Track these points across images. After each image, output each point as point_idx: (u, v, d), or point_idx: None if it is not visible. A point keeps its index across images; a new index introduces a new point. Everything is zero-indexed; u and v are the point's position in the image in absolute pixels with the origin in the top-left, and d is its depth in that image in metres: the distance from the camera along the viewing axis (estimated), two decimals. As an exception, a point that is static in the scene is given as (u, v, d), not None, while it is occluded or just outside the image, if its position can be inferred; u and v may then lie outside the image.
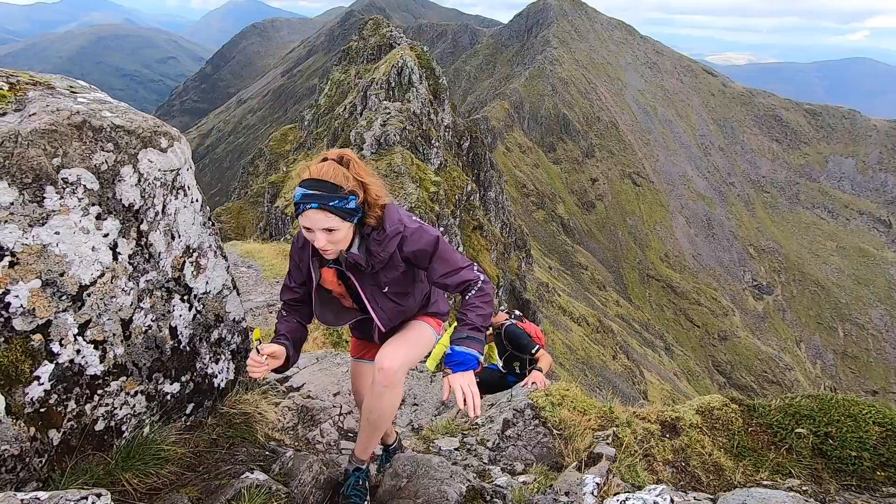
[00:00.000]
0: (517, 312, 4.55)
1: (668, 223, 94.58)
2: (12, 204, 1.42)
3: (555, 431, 3.30)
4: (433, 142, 29.45)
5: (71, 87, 1.87)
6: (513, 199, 67.41)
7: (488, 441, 3.24)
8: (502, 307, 4.80)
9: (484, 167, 40.15)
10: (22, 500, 0.98)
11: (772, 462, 3.02)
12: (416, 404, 4.12)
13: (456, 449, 3.15)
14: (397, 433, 2.91)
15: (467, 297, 2.03)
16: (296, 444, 2.97)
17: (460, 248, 25.95)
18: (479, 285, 2.05)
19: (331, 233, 1.80)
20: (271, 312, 9.32)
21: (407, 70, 31.26)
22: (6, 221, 1.41)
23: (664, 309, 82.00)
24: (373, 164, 22.89)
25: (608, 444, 3.01)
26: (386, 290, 2.04)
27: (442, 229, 23.94)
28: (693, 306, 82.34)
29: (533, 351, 4.26)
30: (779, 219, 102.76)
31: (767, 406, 3.53)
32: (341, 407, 3.65)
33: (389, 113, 27.95)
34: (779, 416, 3.37)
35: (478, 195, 34.00)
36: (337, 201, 1.78)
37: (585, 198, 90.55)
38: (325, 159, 1.87)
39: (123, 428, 1.86)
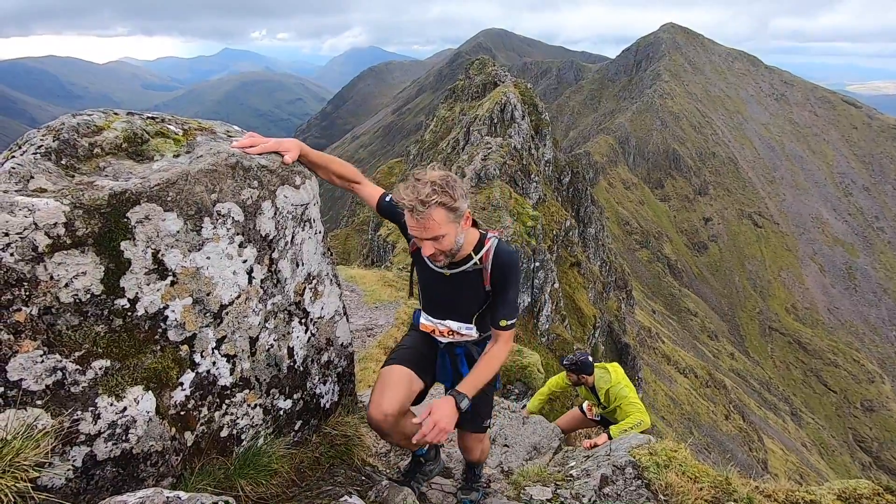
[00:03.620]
0: None
1: (796, 270, 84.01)
2: (178, 232, 1.66)
3: (660, 496, 3.00)
4: (533, 176, 29.42)
5: (228, 131, 2.17)
6: (614, 237, 64.55)
7: (584, 496, 3.03)
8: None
9: (584, 203, 39.11)
10: (167, 498, 1.11)
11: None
12: (506, 445, 4.00)
13: (548, 500, 2.98)
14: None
15: None
16: (388, 471, 3.02)
17: (556, 285, 25.23)
18: None
19: None
20: (370, 336, 9.73)
21: (510, 106, 31.87)
22: (172, 247, 1.65)
23: (791, 368, 71.99)
24: (472, 197, 23.00)
25: (724, 520, 2.66)
26: None
27: (538, 264, 23.53)
28: (828, 368, 71.27)
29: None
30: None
31: (937, 503, 2.90)
32: (432, 439, 3.65)
33: (490, 148, 28.54)
34: (954, 519, 2.74)
35: (577, 231, 33.10)
36: None
37: (696, 238, 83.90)
38: None
39: (243, 437, 2.03)
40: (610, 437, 4.12)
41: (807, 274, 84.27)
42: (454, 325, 2.32)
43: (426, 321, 2.39)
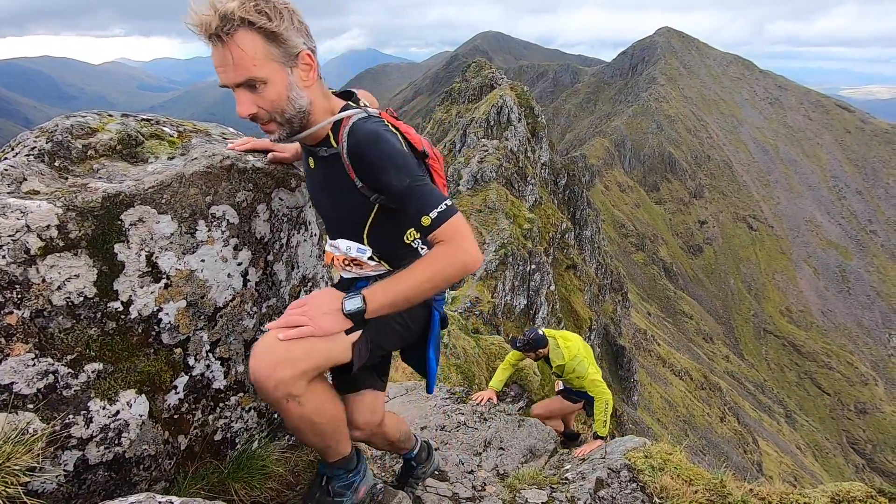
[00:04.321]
0: None
1: (790, 273, 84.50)
2: (172, 234, 1.66)
3: (655, 499, 3.01)
4: (529, 179, 29.51)
5: (223, 133, 2.16)
6: (610, 240, 64.76)
7: (579, 500, 3.03)
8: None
9: (580, 205, 39.25)
10: (160, 502, 1.11)
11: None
12: (502, 448, 4.00)
13: (544, 503, 2.98)
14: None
15: None
16: (383, 474, 3.01)
17: (552, 287, 25.30)
18: None
19: None
20: (365, 339, 9.73)
21: (506, 109, 31.96)
22: (166, 249, 1.64)
23: (785, 370, 72.35)
24: (468, 200, 22.54)
25: (719, 523, 2.67)
26: None
27: (534, 266, 23.58)
28: (822, 370, 71.68)
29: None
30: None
31: (929, 505, 2.92)
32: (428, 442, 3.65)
33: (487, 150, 28.61)
34: (946, 521, 2.76)
35: (573, 233, 33.19)
36: None
37: (692, 241, 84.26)
38: None
39: (237, 440, 2.02)
40: (597, 437, 4.12)
41: (801, 277, 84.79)
42: (343, 244, 1.68)
43: (328, 247, 1.77)
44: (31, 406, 1.40)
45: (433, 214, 1.44)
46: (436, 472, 2.94)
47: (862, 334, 79.51)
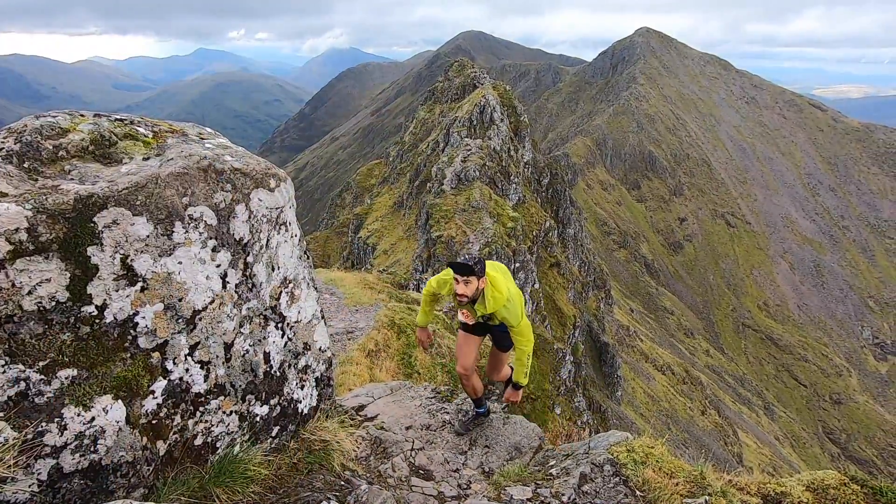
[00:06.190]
0: None
1: (768, 268, 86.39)
2: (148, 237, 1.62)
3: (637, 492, 3.05)
4: (512, 178, 29.62)
5: (200, 133, 2.13)
6: (593, 237, 65.41)
7: (563, 495, 3.06)
8: None
9: (563, 204, 39.56)
10: (136, 509, 1.09)
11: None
12: (487, 446, 4.01)
13: (529, 499, 3.00)
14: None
15: None
16: (368, 475, 2.99)
17: (536, 285, 25.43)
18: None
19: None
20: (350, 339, 9.66)
21: (489, 108, 32.03)
22: (142, 251, 1.61)
23: (763, 363, 73.99)
24: (452, 199, 22.43)
25: (699, 514, 2.72)
26: None
27: (518, 265, 23.67)
28: (799, 363, 73.51)
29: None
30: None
31: (899, 491, 3.02)
32: (413, 442, 3.65)
33: (470, 149, 28.64)
34: (915, 506, 2.86)
35: (556, 232, 33.43)
36: None
37: (672, 238, 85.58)
38: None
39: (218, 445, 1.99)
40: (518, 386, 3.74)
41: (777, 272, 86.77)
42: None
43: None
44: (1, 414, 1.37)
45: None
46: (420, 471, 2.94)
47: (836, 327, 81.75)
